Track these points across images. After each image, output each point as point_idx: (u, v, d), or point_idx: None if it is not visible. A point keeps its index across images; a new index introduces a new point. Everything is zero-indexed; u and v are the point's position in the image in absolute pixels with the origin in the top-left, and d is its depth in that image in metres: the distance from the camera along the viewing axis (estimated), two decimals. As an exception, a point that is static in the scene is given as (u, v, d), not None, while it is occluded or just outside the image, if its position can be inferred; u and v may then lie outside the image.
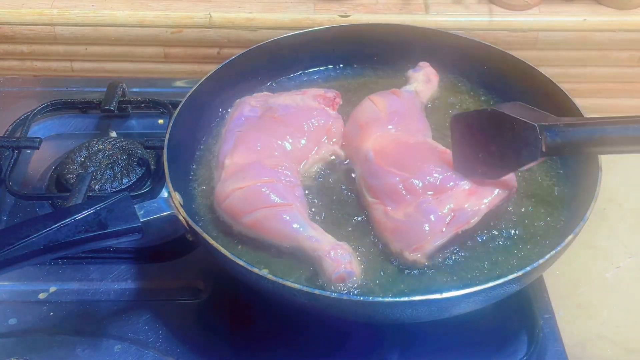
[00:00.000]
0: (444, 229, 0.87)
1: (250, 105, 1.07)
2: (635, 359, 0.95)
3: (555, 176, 1.00)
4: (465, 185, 0.90)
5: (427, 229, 0.87)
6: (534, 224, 0.94)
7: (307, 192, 0.97)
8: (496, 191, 0.90)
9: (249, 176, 0.93)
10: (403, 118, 1.02)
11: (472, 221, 0.88)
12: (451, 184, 0.90)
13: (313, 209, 0.95)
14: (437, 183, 0.91)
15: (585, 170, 0.93)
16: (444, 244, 0.87)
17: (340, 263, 0.84)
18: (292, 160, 0.98)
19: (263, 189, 0.91)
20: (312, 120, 1.02)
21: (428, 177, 0.91)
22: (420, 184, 0.90)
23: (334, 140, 1.03)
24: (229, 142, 1.01)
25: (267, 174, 0.93)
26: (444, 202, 0.89)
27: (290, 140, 1.00)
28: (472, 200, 0.89)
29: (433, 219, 0.87)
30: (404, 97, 1.06)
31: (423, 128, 1.03)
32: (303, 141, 1.01)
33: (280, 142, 0.99)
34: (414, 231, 0.88)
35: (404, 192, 0.91)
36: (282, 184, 0.93)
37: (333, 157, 1.02)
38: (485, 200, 0.89)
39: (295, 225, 0.88)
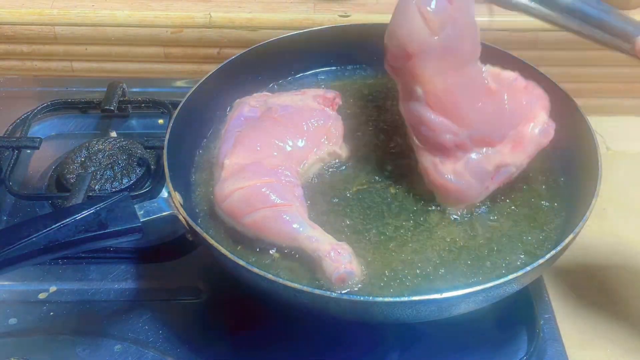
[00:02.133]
0: (489, 187, 0.91)
1: (250, 106, 1.07)
2: (635, 359, 0.95)
3: (555, 176, 1.01)
4: (511, 140, 0.92)
5: (474, 190, 0.91)
6: (533, 224, 0.94)
7: (306, 192, 0.97)
8: (538, 143, 0.93)
9: (249, 176, 0.93)
10: (457, 39, 0.88)
11: (514, 176, 0.92)
12: (499, 138, 0.92)
13: (313, 210, 0.95)
14: (487, 138, 0.92)
15: (586, 170, 0.93)
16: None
17: (340, 263, 0.84)
18: (292, 160, 0.98)
19: (263, 189, 0.91)
20: (312, 120, 1.02)
21: (478, 131, 0.91)
22: (471, 140, 0.91)
23: (334, 140, 1.03)
24: (229, 143, 1.00)
25: (267, 174, 0.93)
26: (491, 158, 0.91)
27: (289, 141, 1.00)
28: (516, 155, 0.92)
29: (481, 179, 0.91)
30: (456, 3, 0.87)
31: (475, 45, 0.91)
32: (302, 142, 1.00)
33: (279, 143, 0.99)
34: (462, 193, 0.92)
35: (454, 147, 0.92)
36: (281, 184, 0.93)
37: (333, 158, 1.03)
38: (527, 155, 0.92)
39: (295, 225, 0.88)
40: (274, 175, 0.93)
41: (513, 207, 0.95)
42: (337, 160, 1.02)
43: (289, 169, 0.96)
